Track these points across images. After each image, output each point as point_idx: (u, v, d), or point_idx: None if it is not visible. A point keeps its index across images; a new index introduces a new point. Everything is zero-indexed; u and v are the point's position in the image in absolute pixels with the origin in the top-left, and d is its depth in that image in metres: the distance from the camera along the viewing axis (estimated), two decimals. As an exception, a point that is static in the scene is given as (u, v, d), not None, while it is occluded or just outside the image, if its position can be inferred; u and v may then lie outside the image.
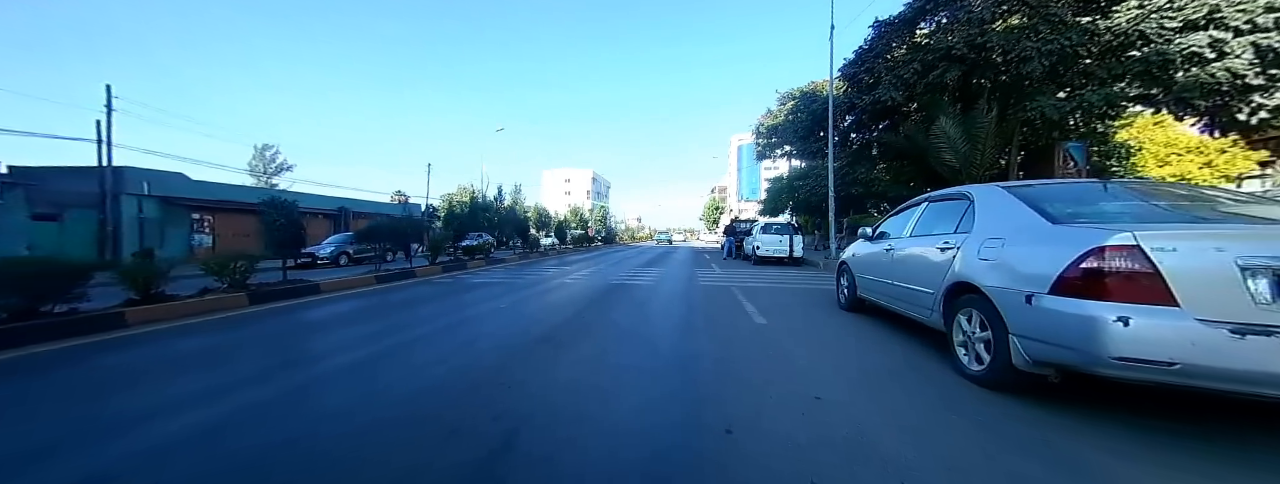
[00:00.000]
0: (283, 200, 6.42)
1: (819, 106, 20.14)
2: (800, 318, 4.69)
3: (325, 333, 4.11)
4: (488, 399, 2.34)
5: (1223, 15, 7.74)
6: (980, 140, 10.32)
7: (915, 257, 3.43)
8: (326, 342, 3.74)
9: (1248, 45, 7.57)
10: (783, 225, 12.87)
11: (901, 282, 3.56)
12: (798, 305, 5.52)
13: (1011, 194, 2.73)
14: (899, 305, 3.69)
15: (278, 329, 4.32)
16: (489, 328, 4.16)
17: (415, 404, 2.29)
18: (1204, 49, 7.75)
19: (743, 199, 79.78)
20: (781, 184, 26.30)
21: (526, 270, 11.08)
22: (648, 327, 4.20)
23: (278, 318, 4.85)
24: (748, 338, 3.77)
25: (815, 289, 7.20)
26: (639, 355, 3.19)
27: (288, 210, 6.36)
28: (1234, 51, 7.61)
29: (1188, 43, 7.85)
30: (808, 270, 10.82)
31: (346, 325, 4.45)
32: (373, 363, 3.04)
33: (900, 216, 4.18)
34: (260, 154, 46.34)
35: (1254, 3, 7.58)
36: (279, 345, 3.69)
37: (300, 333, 4.17)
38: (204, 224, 19.84)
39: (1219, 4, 7.76)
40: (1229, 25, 7.71)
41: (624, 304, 5.58)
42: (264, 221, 6.41)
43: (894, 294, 3.74)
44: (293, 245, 6.60)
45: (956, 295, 2.80)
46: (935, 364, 2.93)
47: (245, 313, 5.12)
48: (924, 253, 3.28)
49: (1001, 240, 2.52)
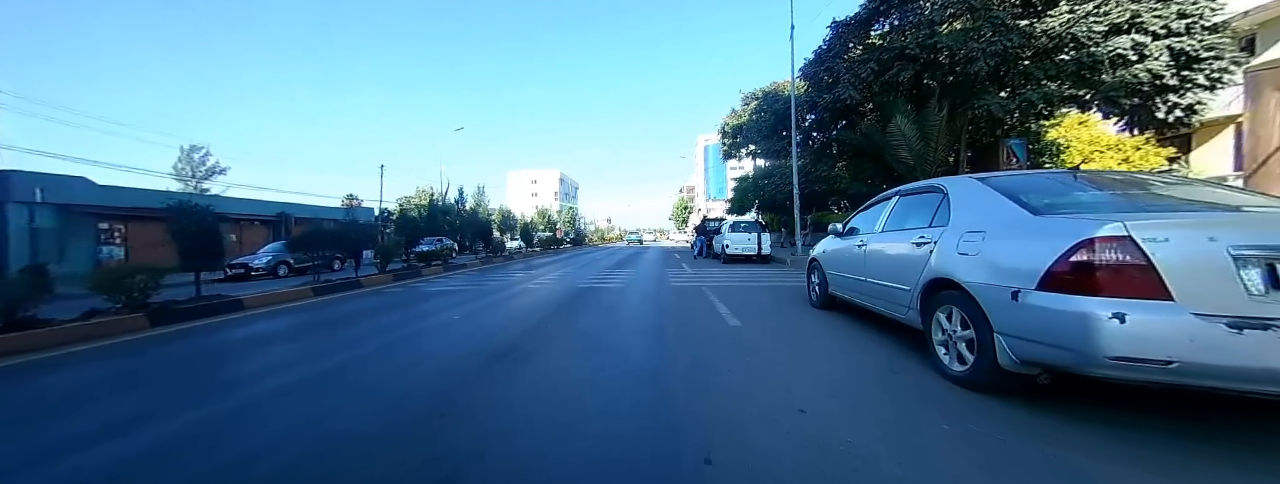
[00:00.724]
0: (193, 205, 5.61)
1: (781, 106, 20.53)
2: (774, 318, 4.54)
3: (232, 361, 3.53)
4: (424, 437, 1.96)
5: (1142, 20, 8.38)
6: (933, 138, 10.75)
7: (889, 253, 3.33)
8: (230, 373, 3.19)
9: (1163, 48, 8.23)
10: (750, 224, 12.94)
11: (876, 278, 3.45)
12: (770, 304, 5.39)
13: (987, 185, 2.64)
14: (873, 303, 3.58)
15: (173, 358, 3.68)
16: (437, 345, 3.72)
17: (322, 459, 1.82)
18: (1128, 51, 8.36)
19: (710, 198, 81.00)
20: (747, 183, 26.71)
21: (489, 276, 10.49)
22: (616, 334, 3.90)
23: (179, 343, 4.17)
24: (722, 343, 3.55)
25: (785, 287, 7.14)
26: (607, 369, 2.89)
27: (199, 216, 5.58)
28: (1153, 54, 8.26)
29: (1113, 46, 8.45)
30: (776, 268, 10.88)
31: (263, 350, 3.86)
32: (279, 400, 2.56)
33: (871, 212, 4.10)
34: (187, 156, 42.20)
35: (1167, 8, 8.26)
36: (163, 380, 3.11)
37: (198, 362, 3.56)
38: (114, 235, 17.65)
39: (1139, 9, 8.40)
40: (1148, 29, 8.36)
41: (592, 310, 5.25)
42: (171, 230, 5.59)
43: (868, 291, 3.63)
44: (207, 256, 5.80)
45: (934, 292, 2.69)
46: (916, 365, 2.81)
47: (142, 338, 4.39)
48: (898, 249, 3.18)
49: (982, 233, 2.40)
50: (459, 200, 24.48)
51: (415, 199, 45.27)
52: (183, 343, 4.19)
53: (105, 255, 17.56)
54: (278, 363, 3.31)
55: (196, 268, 5.86)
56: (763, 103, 22.98)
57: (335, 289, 7.79)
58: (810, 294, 5.23)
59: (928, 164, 10.71)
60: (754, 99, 24.21)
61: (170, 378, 3.13)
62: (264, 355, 3.60)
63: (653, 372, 2.81)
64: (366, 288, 8.47)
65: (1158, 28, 8.29)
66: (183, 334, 4.57)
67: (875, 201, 4.12)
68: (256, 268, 13.62)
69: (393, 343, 3.83)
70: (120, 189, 18.09)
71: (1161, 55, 8.21)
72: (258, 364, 3.32)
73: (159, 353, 3.84)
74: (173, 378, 3.13)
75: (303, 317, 5.45)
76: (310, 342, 4.03)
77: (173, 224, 5.62)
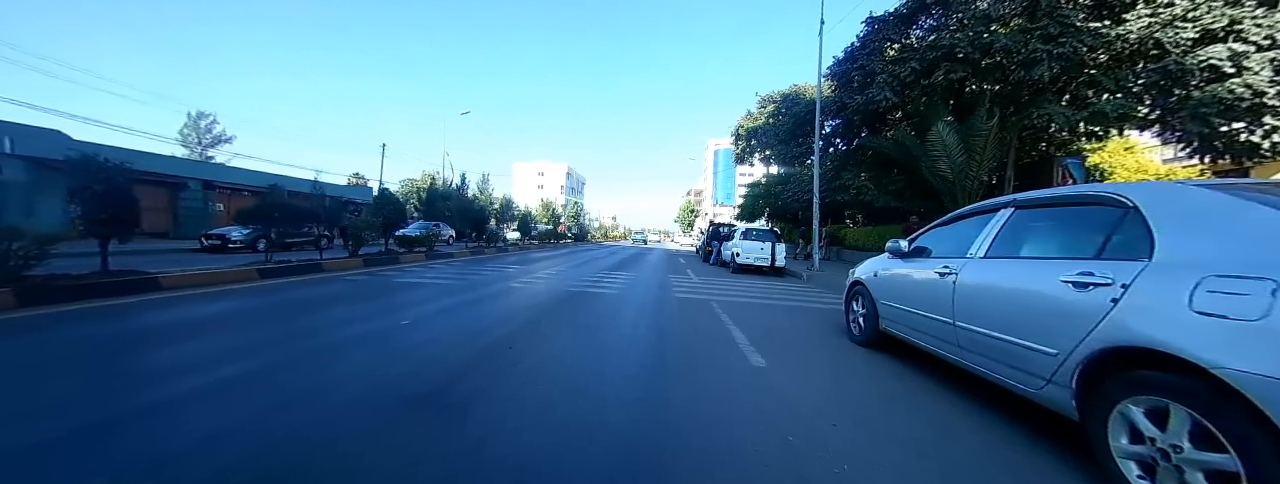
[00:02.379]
0: (100, 159, 4.62)
1: (802, 109, 19.44)
2: (809, 356, 3.49)
3: (51, 373, 2.51)
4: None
5: (1242, 28, 7.25)
6: (978, 150, 9.62)
7: (1009, 290, 2.26)
8: (59, 390, 2.17)
9: (1266, 62, 7.11)
10: (765, 232, 11.83)
11: (980, 326, 2.39)
12: (797, 334, 4.33)
13: (1243, 197, 1.57)
14: (968, 358, 2.52)
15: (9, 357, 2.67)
16: (352, 369, 2.69)
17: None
18: (1223, 62, 7.23)
19: (718, 203, 79.91)
20: (759, 189, 25.59)
21: (472, 269, 9.47)
22: (599, 369, 2.86)
23: (24, 336, 3.16)
24: (746, 392, 2.52)
25: (809, 309, 6.07)
26: (574, 443, 1.84)
27: (108, 174, 4.58)
28: (1253, 68, 7.13)
29: (1205, 56, 7.32)
30: (792, 283, 9.77)
31: (132, 352, 2.85)
32: (61, 447, 1.53)
33: (957, 228, 3.04)
34: (194, 122, 41.69)
35: (1273, 16, 7.13)
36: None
37: (37, 369, 2.55)
38: (92, 196, 16.78)
39: (1238, 15, 7.28)
40: (1248, 39, 7.23)
41: (575, 327, 4.22)
42: (71, 188, 4.60)
43: (959, 340, 2.57)
44: (116, 223, 4.80)
45: (1119, 369, 1.63)
46: (1070, 473, 1.75)
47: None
48: (1031, 287, 2.11)
49: (1259, 282, 1.34)
50: (462, 186, 23.50)
51: (420, 182, 44.35)
52: (28, 336, 3.18)
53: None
54: (138, 376, 2.29)
55: (103, 235, 4.86)
56: (781, 105, 21.90)
57: (288, 272, 6.79)
58: (850, 326, 4.17)
59: (969, 180, 9.62)
60: (771, 102, 23.04)
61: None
62: (131, 361, 2.58)
63: (648, 455, 1.77)
64: (327, 273, 7.48)
65: (1260, 38, 7.17)
66: (49, 320, 3.57)
67: (967, 214, 3.05)
68: (234, 240, 12.69)
69: (301, 357, 2.81)
70: (98, 146, 17.17)
71: (1264, 69, 7.08)
72: (110, 375, 2.30)
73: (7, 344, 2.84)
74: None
75: (223, 306, 4.44)
76: (204, 344, 3.01)
77: (73, 181, 4.62)
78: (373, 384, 2.43)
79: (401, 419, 2.00)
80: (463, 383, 2.49)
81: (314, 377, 2.52)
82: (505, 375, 2.66)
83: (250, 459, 1.61)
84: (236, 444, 1.71)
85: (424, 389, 2.38)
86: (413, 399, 2.24)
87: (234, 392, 2.26)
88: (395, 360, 2.87)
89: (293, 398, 2.21)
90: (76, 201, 4.67)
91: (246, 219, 6.60)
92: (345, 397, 2.25)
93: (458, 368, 2.75)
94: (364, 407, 2.13)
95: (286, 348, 3.04)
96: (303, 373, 2.57)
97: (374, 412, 2.07)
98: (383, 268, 8.71)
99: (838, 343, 3.99)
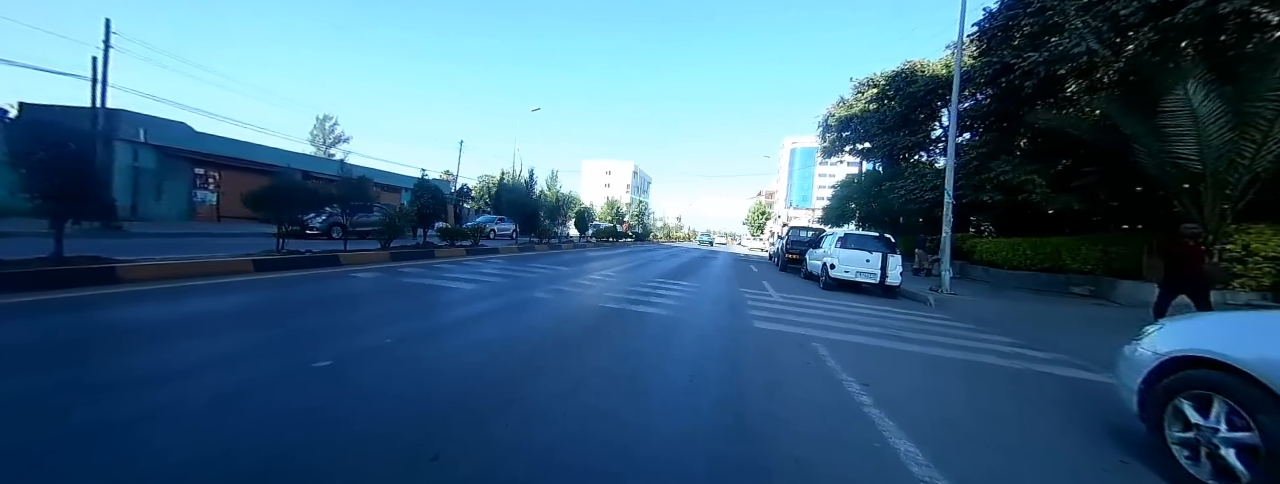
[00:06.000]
0: (52, 123, 3.73)
1: (919, 88, 15.85)
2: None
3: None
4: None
5: None
6: (1262, 124, 6.05)
7: None
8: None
9: None
10: (871, 238, 9.03)
11: None
12: (1017, 436, 2.07)
13: None
14: None
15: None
16: (236, 443, 1.08)
17: None
18: None
19: (792, 205, 74.01)
20: (850, 189, 21.94)
21: (505, 269, 8.13)
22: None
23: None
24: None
25: (988, 366, 3.60)
26: None
27: (56, 138, 3.65)
28: None
29: None
30: (915, 310, 6.95)
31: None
32: None
33: None
34: (321, 124, 47.79)
35: None
36: None
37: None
38: (208, 181, 18.65)
39: None
40: None
41: (603, 375, 2.37)
42: (14, 153, 3.75)
43: None
44: (72, 199, 3.92)
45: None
46: None
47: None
48: None
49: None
50: (530, 182, 23.16)
51: (497, 178, 46.36)
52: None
53: (200, 200, 18.72)
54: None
55: (57, 214, 4.00)
56: (887, 87, 18.28)
57: (295, 265, 5.86)
58: (1175, 451, 1.82)
59: (1234, 169, 6.19)
60: (872, 86, 19.33)
61: None
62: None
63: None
64: (343, 266, 6.53)
65: None
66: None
67: None
68: (312, 227, 13.06)
69: (203, 406, 1.30)
70: (215, 137, 19.07)
71: None
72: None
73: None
74: None
75: (179, 308, 3.32)
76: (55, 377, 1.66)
77: (17, 146, 3.76)
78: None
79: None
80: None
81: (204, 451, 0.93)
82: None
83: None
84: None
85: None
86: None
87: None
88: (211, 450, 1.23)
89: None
90: (26, 173, 3.79)
91: (253, 205, 5.77)
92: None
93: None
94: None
95: (214, 378, 1.57)
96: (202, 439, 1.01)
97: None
98: (407, 263, 7.67)
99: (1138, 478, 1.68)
